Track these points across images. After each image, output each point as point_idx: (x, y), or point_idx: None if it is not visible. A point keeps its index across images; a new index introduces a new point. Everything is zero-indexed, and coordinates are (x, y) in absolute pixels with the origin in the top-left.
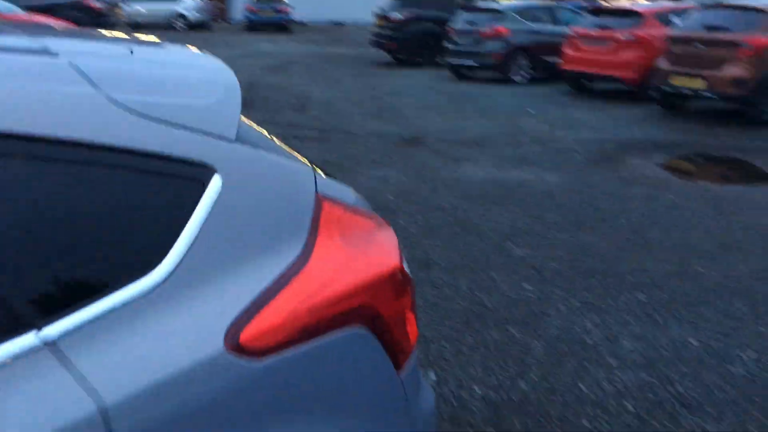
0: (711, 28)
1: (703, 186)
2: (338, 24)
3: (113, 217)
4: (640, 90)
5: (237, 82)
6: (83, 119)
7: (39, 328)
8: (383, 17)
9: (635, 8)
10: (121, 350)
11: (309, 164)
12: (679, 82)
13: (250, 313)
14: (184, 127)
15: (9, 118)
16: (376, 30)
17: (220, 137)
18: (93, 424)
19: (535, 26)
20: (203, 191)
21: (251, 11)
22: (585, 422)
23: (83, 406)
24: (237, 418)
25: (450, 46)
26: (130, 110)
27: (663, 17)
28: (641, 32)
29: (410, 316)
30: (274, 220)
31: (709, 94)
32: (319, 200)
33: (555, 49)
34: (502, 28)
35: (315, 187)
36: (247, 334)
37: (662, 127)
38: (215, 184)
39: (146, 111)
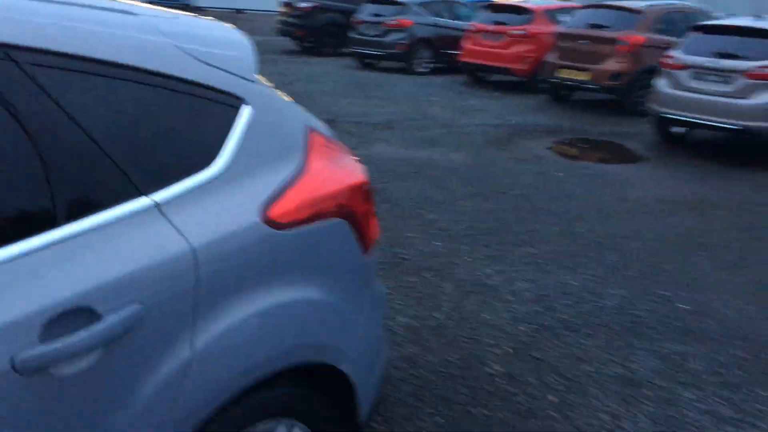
0: (594, 26)
1: (584, 165)
2: (239, 11)
3: (186, 128)
4: (531, 81)
5: (249, 41)
6: (163, 58)
7: (148, 194)
8: (289, 5)
9: (527, 6)
10: (200, 214)
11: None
12: (565, 74)
13: (274, 199)
14: (224, 70)
15: (112, 52)
16: (283, 18)
17: (246, 78)
18: (187, 256)
19: (437, 20)
20: (239, 114)
21: None
22: (488, 340)
23: (181, 245)
24: (266, 269)
25: (356, 36)
26: (191, 55)
27: (552, 15)
28: (532, 28)
29: (373, 217)
30: (282, 139)
31: (591, 86)
32: (307, 130)
33: (455, 41)
34: (405, 20)
35: (304, 120)
36: (272, 213)
37: (550, 114)
38: (246, 110)
39: (201, 57)
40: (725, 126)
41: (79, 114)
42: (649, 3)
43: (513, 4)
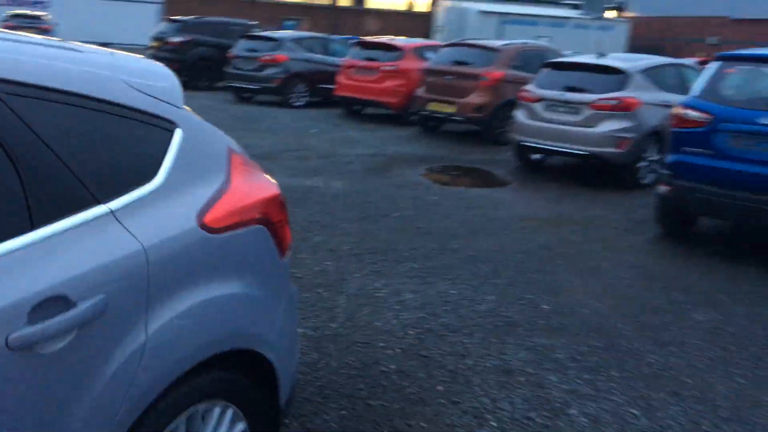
0: (458, 62)
1: (456, 189)
2: (105, 45)
3: (131, 146)
4: (403, 114)
5: (173, 74)
6: (111, 88)
7: (104, 202)
8: (161, 39)
9: (396, 43)
10: (148, 219)
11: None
12: (434, 107)
13: (207, 208)
14: (159, 99)
15: (71, 83)
16: (154, 53)
17: (176, 106)
18: (140, 254)
19: (311, 55)
20: (174, 136)
21: (7, 27)
22: (381, 344)
23: (134, 245)
24: (203, 268)
25: (232, 70)
26: (132, 86)
27: (419, 52)
28: (402, 64)
29: (287, 225)
30: (209, 158)
31: (458, 118)
32: (229, 151)
33: (329, 76)
34: (280, 55)
35: (225, 142)
36: (206, 219)
37: (422, 144)
38: (178, 132)
39: (140, 88)
40: (576, 152)
41: (48, 137)
42: (504, 42)
43: (383, 42)
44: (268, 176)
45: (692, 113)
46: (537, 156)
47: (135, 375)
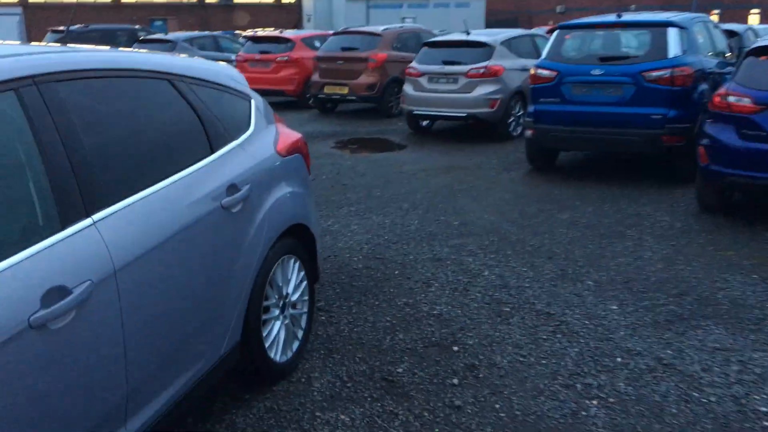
0: (345, 48)
1: (364, 155)
2: None
3: (236, 110)
4: (300, 99)
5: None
6: (225, 78)
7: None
8: None
9: (286, 35)
10: (253, 149)
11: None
12: (329, 90)
13: (275, 144)
14: (240, 83)
15: (208, 75)
16: None
17: (246, 88)
18: (258, 164)
19: (205, 53)
20: (251, 104)
21: None
22: (347, 254)
23: (254, 160)
24: (280, 176)
25: None
26: (232, 78)
27: (309, 41)
28: (294, 54)
29: (308, 155)
30: (267, 116)
31: (352, 98)
32: (272, 111)
33: None
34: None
35: (267, 105)
36: (277, 148)
37: (325, 123)
38: (252, 102)
39: (233, 77)
40: (457, 115)
41: (207, 106)
42: (384, 27)
43: (273, 35)
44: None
45: (543, 72)
46: (425, 122)
47: (264, 229)
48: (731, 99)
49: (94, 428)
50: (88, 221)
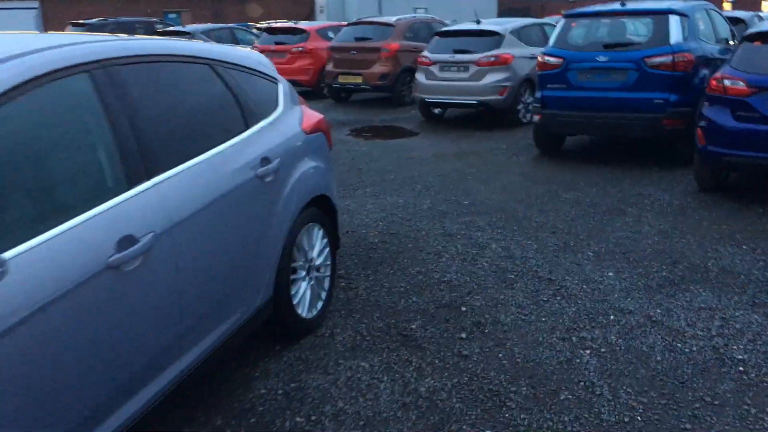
0: (359, 38)
1: (378, 141)
2: None
3: (266, 92)
4: (315, 89)
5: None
6: (257, 64)
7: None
8: None
9: (300, 26)
10: (281, 126)
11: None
12: (344, 80)
13: (300, 123)
14: (268, 67)
15: (243, 61)
16: None
17: (273, 70)
18: (285, 141)
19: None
20: (279, 86)
21: None
22: (363, 230)
23: (282, 137)
24: (305, 151)
25: None
26: (261, 62)
27: (323, 32)
28: (309, 45)
29: (330, 134)
30: (292, 97)
31: (365, 87)
32: (296, 93)
33: None
34: None
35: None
36: (303, 127)
37: (339, 112)
38: (280, 85)
39: (262, 62)
40: (468, 102)
41: (242, 88)
42: (397, 17)
43: (288, 26)
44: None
45: (550, 59)
46: (437, 110)
47: (292, 198)
48: (727, 82)
49: (155, 358)
50: (149, 183)
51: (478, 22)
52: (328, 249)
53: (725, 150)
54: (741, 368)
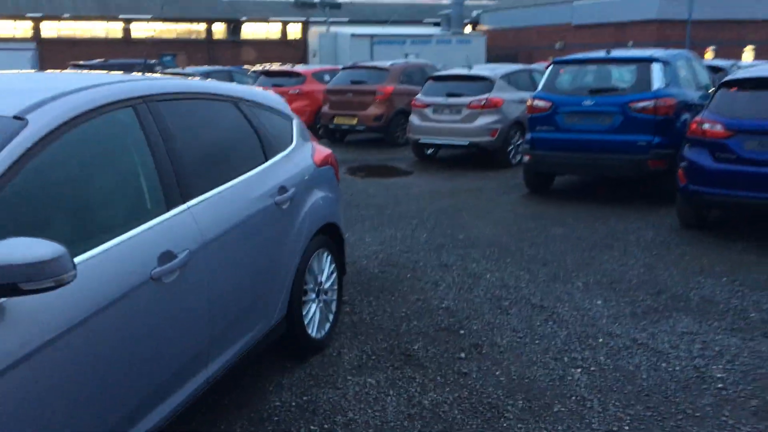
0: (355, 81)
1: (374, 180)
2: None
3: (282, 129)
4: (311, 129)
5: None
6: (276, 103)
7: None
8: None
9: (297, 70)
10: (297, 158)
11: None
12: (339, 121)
13: (312, 156)
14: (283, 105)
15: (265, 100)
16: None
17: (288, 109)
18: (300, 172)
19: None
20: (293, 123)
21: None
22: (363, 261)
23: (297, 168)
24: (316, 183)
25: None
26: (278, 102)
27: (319, 76)
28: (305, 87)
29: (338, 169)
30: (304, 134)
31: (360, 128)
32: (306, 129)
33: None
34: None
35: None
36: (314, 160)
37: (335, 151)
38: (294, 121)
39: (279, 101)
40: (460, 143)
41: (262, 124)
42: (392, 62)
43: (285, 69)
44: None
45: (539, 102)
46: (430, 151)
47: (305, 224)
48: (706, 126)
49: (187, 364)
50: (184, 206)
51: (470, 68)
52: (335, 274)
53: (705, 189)
54: (720, 385)
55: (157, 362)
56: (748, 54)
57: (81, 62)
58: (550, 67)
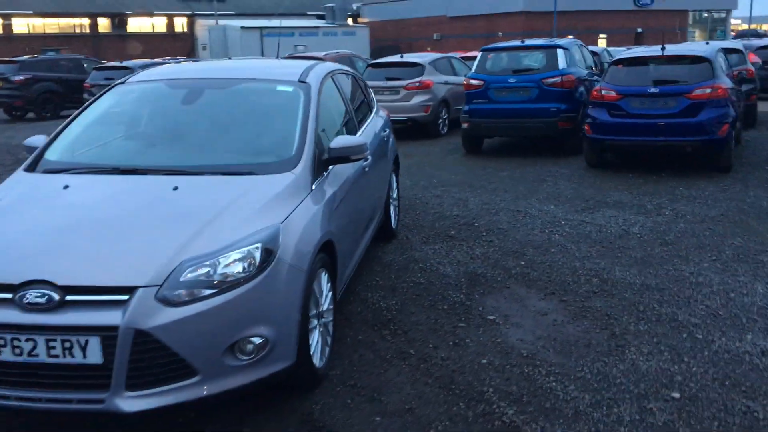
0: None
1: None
2: None
3: (371, 94)
4: None
5: None
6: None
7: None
8: (2, 79)
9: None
10: (376, 122)
11: None
12: None
13: (379, 126)
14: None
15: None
16: None
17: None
18: (376, 138)
19: None
20: (372, 91)
21: None
22: (449, 216)
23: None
24: (389, 129)
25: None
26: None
27: None
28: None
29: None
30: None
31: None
32: None
33: None
34: None
35: None
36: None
37: None
38: (372, 90)
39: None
40: (400, 119)
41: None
42: (325, 53)
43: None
44: None
45: (474, 81)
46: None
47: (391, 152)
48: (603, 92)
49: (371, 216)
50: (361, 129)
51: (402, 56)
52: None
53: (605, 137)
54: (639, 235)
55: (369, 205)
56: (602, 41)
57: (9, 59)
58: (481, 54)
